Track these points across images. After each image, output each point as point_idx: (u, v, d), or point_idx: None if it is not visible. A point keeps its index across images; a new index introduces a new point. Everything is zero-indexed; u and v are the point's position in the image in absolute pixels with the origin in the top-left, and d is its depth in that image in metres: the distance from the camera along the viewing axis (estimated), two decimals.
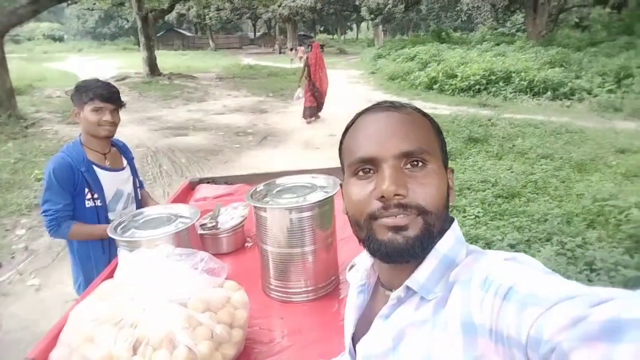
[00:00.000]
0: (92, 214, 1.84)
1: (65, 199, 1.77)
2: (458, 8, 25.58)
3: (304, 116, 9.13)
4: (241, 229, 1.89)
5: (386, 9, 23.91)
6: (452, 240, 0.62)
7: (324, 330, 1.31)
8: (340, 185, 0.69)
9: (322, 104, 9.23)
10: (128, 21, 41.41)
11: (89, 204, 1.83)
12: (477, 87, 11.64)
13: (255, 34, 53.12)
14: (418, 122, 0.63)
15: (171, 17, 35.62)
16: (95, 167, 1.85)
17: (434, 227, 0.59)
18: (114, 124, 1.85)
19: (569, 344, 0.40)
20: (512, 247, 3.32)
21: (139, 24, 16.98)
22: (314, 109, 9.10)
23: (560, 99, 10.46)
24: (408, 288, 0.61)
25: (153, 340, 1.04)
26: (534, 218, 3.84)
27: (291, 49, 26.46)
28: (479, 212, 3.97)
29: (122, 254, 1.21)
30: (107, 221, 1.86)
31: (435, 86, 12.52)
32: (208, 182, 2.63)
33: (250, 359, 1.22)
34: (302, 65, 9.81)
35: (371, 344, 0.66)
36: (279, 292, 1.48)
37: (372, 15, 25.73)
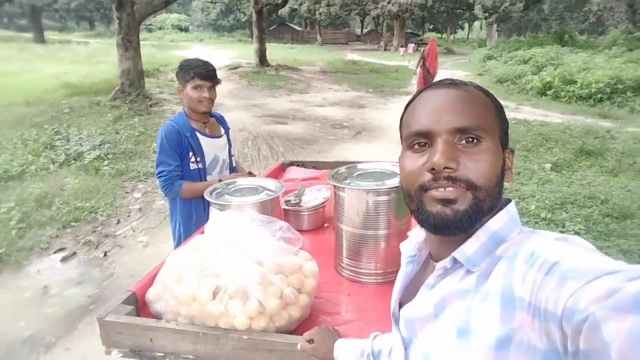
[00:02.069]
0: (196, 175, 2.08)
1: (176, 161, 2.01)
2: (586, 8, 23.19)
3: None
4: (322, 209, 1.98)
5: (502, 7, 22.51)
6: (505, 219, 0.62)
7: (388, 312, 1.34)
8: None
9: None
10: (245, 15, 44.17)
11: (193, 166, 2.06)
12: (599, 95, 10.51)
13: (362, 31, 53.32)
14: (477, 99, 0.64)
15: (284, 11, 37.28)
16: (197, 134, 2.09)
17: (483, 202, 0.60)
18: (211, 100, 2.06)
19: (601, 313, 0.40)
20: None
21: (254, 17, 18.04)
22: None
23: None
24: (455, 260, 0.63)
25: (230, 290, 1.17)
26: None
27: (402, 46, 27.19)
28: (580, 229, 3.64)
29: (214, 211, 1.37)
30: None
31: (549, 92, 11.55)
32: (298, 165, 2.78)
33: (314, 325, 1.30)
34: (410, 60, 11.97)
35: (414, 310, 0.69)
36: (349, 270, 1.54)
37: (486, 14, 24.38)
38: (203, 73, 2.00)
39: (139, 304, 1.35)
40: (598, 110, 9.70)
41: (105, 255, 3.57)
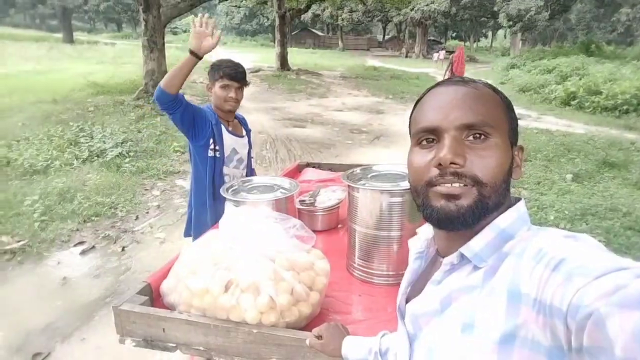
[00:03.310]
0: (211, 163, 2.12)
1: (187, 103, 2.02)
2: (614, 18, 22.67)
3: None
4: (336, 210, 1.99)
5: (527, 16, 22.21)
6: (514, 216, 0.62)
7: None
8: None
9: None
10: (268, 19, 44.66)
11: (210, 153, 2.11)
12: (626, 107, 10.25)
13: (384, 37, 53.32)
14: (485, 96, 0.64)
15: (306, 16, 37.59)
16: (222, 125, 2.15)
17: (488, 199, 0.60)
18: (237, 101, 2.12)
19: (606, 310, 0.40)
20: None
21: (277, 21, 18.25)
22: None
23: None
24: (462, 255, 0.63)
25: (242, 284, 1.19)
26: None
27: (436, 52, 29.18)
28: (600, 240, 3.55)
29: (229, 207, 1.39)
30: (221, 173, 2.15)
31: (573, 102, 11.32)
32: (314, 167, 2.80)
33: (324, 323, 1.31)
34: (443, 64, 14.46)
35: (420, 305, 0.69)
36: (361, 271, 1.54)
37: (511, 23, 24.09)
38: (232, 74, 2.07)
39: (153, 295, 1.39)
40: (624, 122, 9.47)
41: (123, 250, 3.64)
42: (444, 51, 27.47)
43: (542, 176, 5.43)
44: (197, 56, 1.93)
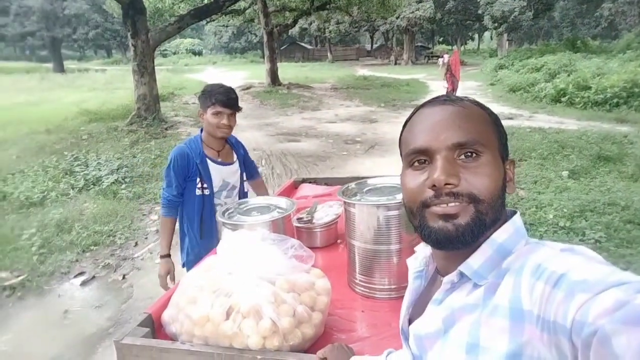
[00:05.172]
0: (200, 200, 2.13)
1: (177, 186, 2.09)
2: (598, 14, 22.96)
3: None
4: (334, 226, 1.98)
5: (512, 17, 22.46)
6: (511, 231, 0.62)
7: None
8: None
9: (456, 89, 12.39)
10: (256, 36, 45.01)
11: (198, 192, 2.12)
12: (615, 100, 10.34)
13: (372, 46, 53.76)
14: (473, 114, 0.65)
15: (294, 31, 37.86)
16: (208, 161, 2.13)
17: (486, 215, 0.60)
18: (230, 127, 2.10)
19: (610, 327, 0.40)
20: None
21: (265, 38, 18.40)
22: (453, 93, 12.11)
23: None
24: (461, 274, 0.62)
25: (243, 309, 1.18)
26: None
27: (440, 57, 30.05)
28: (601, 236, 3.56)
29: (225, 232, 1.39)
30: (212, 208, 2.15)
31: (563, 99, 11.42)
32: (310, 182, 2.80)
33: (328, 343, 1.30)
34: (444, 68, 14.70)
35: (423, 326, 0.68)
36: (362, 286, 1.53)
37: (496, 24, 24.36)
38: (224, 100, 2.03)
39: (154, 326, 1.37)
40: (615, 115, 9.55)
41: (123, 278, 3.62)
42: (447, 55, 28.71)
43: (539, 175, 5.44)
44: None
